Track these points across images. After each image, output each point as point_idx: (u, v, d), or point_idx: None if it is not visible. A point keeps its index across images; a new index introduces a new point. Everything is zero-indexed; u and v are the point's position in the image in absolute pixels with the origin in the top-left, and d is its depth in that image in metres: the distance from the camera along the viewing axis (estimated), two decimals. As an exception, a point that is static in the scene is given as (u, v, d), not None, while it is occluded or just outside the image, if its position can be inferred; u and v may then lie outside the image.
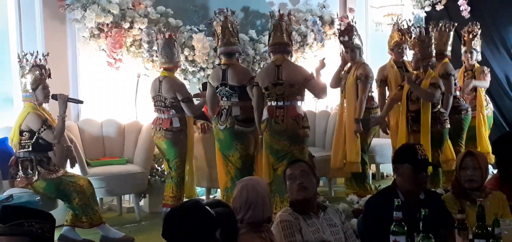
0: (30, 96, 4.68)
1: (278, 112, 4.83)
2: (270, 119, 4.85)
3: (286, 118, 4.80)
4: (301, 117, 4.85)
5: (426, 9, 7.65)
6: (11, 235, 2.11)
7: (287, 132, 4.81)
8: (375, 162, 6.77)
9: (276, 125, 4.82)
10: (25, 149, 4.63)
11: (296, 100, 4.87)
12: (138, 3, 5.96)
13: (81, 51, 5.95)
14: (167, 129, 5.23)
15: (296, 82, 4.82)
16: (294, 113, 4.82)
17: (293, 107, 4.84)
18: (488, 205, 3.06)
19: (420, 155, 3.07)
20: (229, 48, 5.04)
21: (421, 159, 3.06)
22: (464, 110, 5.88)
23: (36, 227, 2.14)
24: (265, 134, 4.92)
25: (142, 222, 5.50)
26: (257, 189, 2.95)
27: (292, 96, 4.84)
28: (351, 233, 3.19)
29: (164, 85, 5.24)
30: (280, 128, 4.81)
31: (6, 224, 2.11)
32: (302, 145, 4.89)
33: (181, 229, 2.08)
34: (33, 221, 2.14)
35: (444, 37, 5.80)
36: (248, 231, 2.85)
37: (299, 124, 4.83)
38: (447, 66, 5.72)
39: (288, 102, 4.83)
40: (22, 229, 2.11)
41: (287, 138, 4.82)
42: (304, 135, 4.89)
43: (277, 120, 4.82)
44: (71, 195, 4.63)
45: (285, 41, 4.90)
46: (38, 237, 2.14)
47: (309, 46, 7.00)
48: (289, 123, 4.80)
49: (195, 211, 2.13)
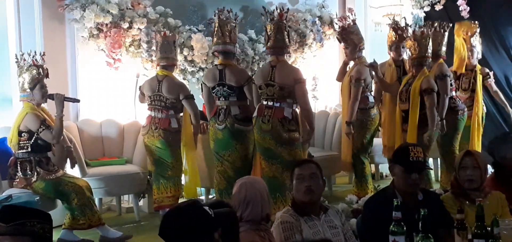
0: (28, 96, 4.68)
1: (266, 112, 4.89)
2: (258, 117, 4.92)
3: (272, 118, 4.85)
4: (287, 120, 4.87)
5: (425, 9, 7.64)
6: (14, 235, 2.10)
7: (271, 132, 4.85)
8: (375, 162, 6.77)
9: (262, 124, 4.89)
10: (24, 150, 4.63)
11: (286, 102, 4.89)
12: (137, 3, 5.96)
13: (80, 51, 5.95)
14: (165, 129, 5.22)
15: (287, 85, 4.85)
16: (281, 115, 4.86)
17: (280, 109, 4.87)
18: (487, 205, 3.06)
19: (412, 156, 3.06)
20: (225, 47, 5.04)
21: (412, 160, 3.05)
22: (460, 111, 5.87)
23: (37, 227, 2.13)
24: (254, 132, 4.98)
25: (141, 222, 5.51)
26: (255, 187, 2.96)
27: (282, 98, 4.88)
28: (351, 235, 3.18)
29: (164, 84, 5.24)
30: (266, 127, 4.87)
31: (8, 224, 2.11)
32: (291, 148, 4.88)
33: (177, 230, 2.07)
34: (35, 221, 2.14)
35: (438, 38, 5.78)
36: (247, 229, 2.85)
37: (285, 127, 4.85)
38: (443, 67, 5.70)
39: (277, 104, 4.88)
40: (25, 229, 2.11)
41: (272, 138, 4.86)
42: (291, 138, 4.88)
43: (264, 119, 4.88)
44: (70, 195, 4.63)
45: (280, 45, 4.91)
46: (39, 237, 2.14)
47: (308, 46, 7.00)
48: (274, 124, 4.84)
49: (192, 211, 2.12)
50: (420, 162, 3.09)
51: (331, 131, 6.51)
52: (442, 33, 5.79)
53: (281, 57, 4.95)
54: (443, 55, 5.83)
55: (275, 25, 4.90)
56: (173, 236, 2.07)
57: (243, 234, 2.74)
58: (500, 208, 3.26)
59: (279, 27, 4.90)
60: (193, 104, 5.30)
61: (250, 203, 2.90)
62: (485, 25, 7.09)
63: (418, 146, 3.27)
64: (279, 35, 4.90)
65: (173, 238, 2.08)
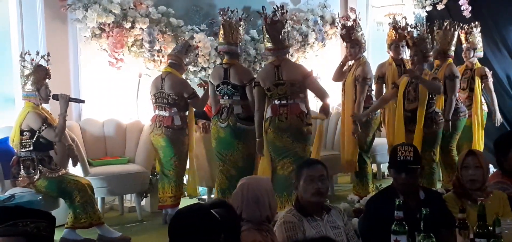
0: (30, 95, 4.70)
1: (282, 110, 4.86)
2: (273, 117, 4.88)
3: (290, 115, 4.84)
4: (304, 114, 4.88)
5: (427, 8, 7.64)
6: (6, 236, 2.09)
7: (291, 129, 4.83)
8: (376, 161, 6.78)
9: (280, 122, 4.85)
10: (26, 149, 4.65)
11: (299, 97, 4.89)
12: (139, 3, 5.97)
13: (83, 51, 5.96)
14: (167, 127, 5.24)
15: (297, 81, 4.85)
16: (298, 111, 4.85)
17: (296, 105, 4.86)
18: (489, 204, 3.06)
19: (399, 156, 3.08)
20: (229, 47, 5.06)
21: (399, 160, 3.06)
22: (462, 112, 5.88)
23: (31, 227, 2.12)
24: (269, 132, 4.92)
25: (143, 221, 5.52)
26: (255, 189, 2.94)
27: (295, 94, 4.87)
28: (353, 234, 3.18)
29: (166, 81, 5.26)
30: (284, 125, 4.84)
31: (0, 225, 2.10)
32: (305, 143, 4.91)
33: (185, 234, 2.10)
34: (28, 220, 2.12)
35: (448, 37, 5.79)
36: (249, 228, 2.85)
37: (303, 121, 4.85)
38: (453, 68, 5.72)
39: (291, 101, 4.86)
40: (17, 229, 2.10)
41: (291, 135, 4.84)
42: (308, 132, 4.91)
43: (281, 118, 4.85)
44: (72, 193, 4.65)
45: (278, 46, 4.87)
46: (34, 237, 2.12)
47: (310, 46, 7.01)
48: (293, 120, 4.83)
49: (199, 215, 2.14)
50: (408, 161, 3.07)
51: (332, 130, 6.52)
52: (452, 32, 5.79)
53: (282, 56, 4.95)
54: (451, 54, 5.84)
55: (268, 26, 4.88)
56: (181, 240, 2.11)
57: (245, 233, 2.74)
58: (502, 208, 3.26)
59: (273, 28, 4.86)
60: (196, 102, 5.33)
61: (248, 205, 2.90)
62: (487, 24, 7.09)
63: (410, 145, 3.27)
64: (275, 35, 4.85)
65: (181, 241, 2.11)
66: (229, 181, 5.07)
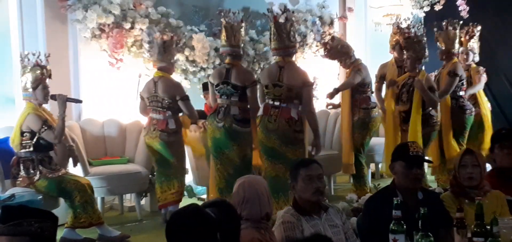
0: (30, 95, 4.71)
1: (272, 111, 4.89)
2: (264, 116, 4.93)
3: (279, 118, 4.86)
4: (294, 120, 4.87)
5: (425, 9, 7.67)
6: (11, 235, 2.11)
7: (278, 132, 4.85)
8: (375, 161, 6.80)
9: (268, 123, 4.89)
10: (26, 149, 4.66)
11: (292, 103, 4.90)
12: (139, 4, 5.99)
13: (83, 52, 5.97)
14: (162, 130, 5.22)
15: (295, 87, 4.86)
16: (288, 116, 4.86)
17: (287, 110, 4.87)
18: (486, 203, 3.07)
19: (411, 151, 3.08)
20: (232, 49, 5.08)
21: (413, 155, 3.08)
22: (468, 110, 5.94)
23: (35, 227, 2.13)
24: (259, 131, 4.97)
25: (143, 221, 5.54)
26: (254, 186, 2.99)
27: (289, 99, 4.89)
28: (351, 233, 3.20)
29: (160, 85, 5.24)
30: (272, 126, 4.87)
31: (5, 224, 2.12)
32: (295, 147, 4.89)
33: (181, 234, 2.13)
34: (33, 220, 2.14)
35: (450, 35, 5.83)
36: (247, 227, 2.88)
37: (291, 127, 4.86)
38: (457, 66, 5.78)
39: (284, 104, 4.88)
40: (21, 229, 2.11)
41: (278, 138, 4.86)
42: (296, 139, 4.89)
43: (270, 119, 4.88)
44: (72, 193, 4.67)
45: (286, 44, 4.91)
46: (37, 236, 2.14)
47: (309, 46, 7.03)
48: (281, 124, 4.84)
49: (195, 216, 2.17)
50: (420, 156, 3.12)
51: (331, 131, 6.54)
52: (454, 30, 5.83)
53: (288, 58, 4.96)
54: (456, 53, 5.88)
55: (275, 26, 4.92)
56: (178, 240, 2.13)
57: (244, 232, 2.77)
58: (499, 207, 3.28)
59: (279, 28, 4.90)
60: (188, 105, 5.27)
61: (248, 203, 2.93)
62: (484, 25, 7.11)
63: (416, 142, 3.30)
64: (280, 35, 4.90)
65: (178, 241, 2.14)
66: (226, 180, 5.08)
